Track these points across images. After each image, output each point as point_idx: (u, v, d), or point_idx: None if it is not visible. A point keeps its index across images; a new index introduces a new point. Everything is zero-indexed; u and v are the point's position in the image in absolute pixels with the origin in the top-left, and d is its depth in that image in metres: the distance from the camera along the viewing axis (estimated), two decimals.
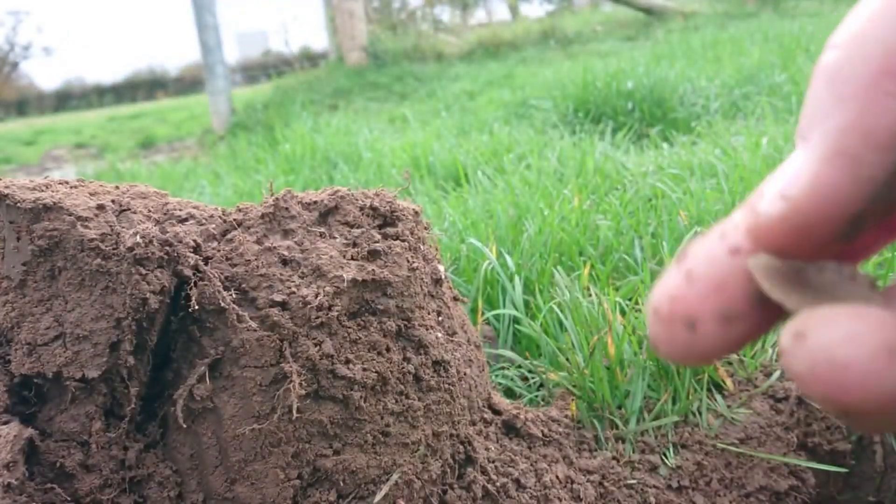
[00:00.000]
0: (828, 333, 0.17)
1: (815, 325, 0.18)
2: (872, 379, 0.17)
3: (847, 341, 0.17)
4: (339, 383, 0.56)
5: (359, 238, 0.59)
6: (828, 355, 0.17)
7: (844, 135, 0.19)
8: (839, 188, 0.19)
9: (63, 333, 0.53)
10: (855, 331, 0.17)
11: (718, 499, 0.72)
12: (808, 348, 0.18)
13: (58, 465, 0.54)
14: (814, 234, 0.19)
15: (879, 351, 0.17)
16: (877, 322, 0.18)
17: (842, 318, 0.18)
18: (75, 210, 0.54)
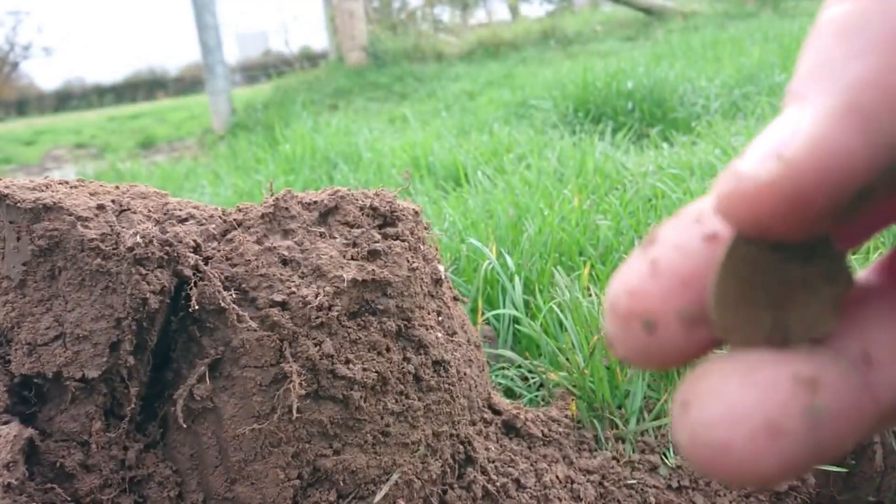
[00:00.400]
0: (709, 408, 0.16)
1: (698, 395, 0.17)
2: (750, 461, 0.16)
3: (726, 420, 0.16)
4: (339, 383, 0.56)
5: (359, 238, 0.59)
6: (706, 433, 0.16)
7: (861, 91, 0.16)
8: (850, 151, 0.15)
9: (63, 333, 0.53)
10: (736, 407, 0.16)
11: (718, 499, 0.72)
12: (689, 421, 0.16)
13: (58, 465, 0.54)
14: (812, 206, 0.16)
15: (759, 431, 0.16)
16: (762, 387, 0.16)
17: (725, 389, 0.16)
18: (75, 210, 0.54)
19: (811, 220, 0.16)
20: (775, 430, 0.16)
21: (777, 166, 0.16)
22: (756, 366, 0.17)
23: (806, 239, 0.18)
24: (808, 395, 0.16)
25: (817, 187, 0.16)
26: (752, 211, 0.16)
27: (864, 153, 0.15)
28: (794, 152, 0.16)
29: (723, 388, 0.16)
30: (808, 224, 0.16)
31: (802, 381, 0.16)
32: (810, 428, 0.16)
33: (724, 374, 0.17)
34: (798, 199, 0.16)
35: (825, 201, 0.16)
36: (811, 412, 0.16)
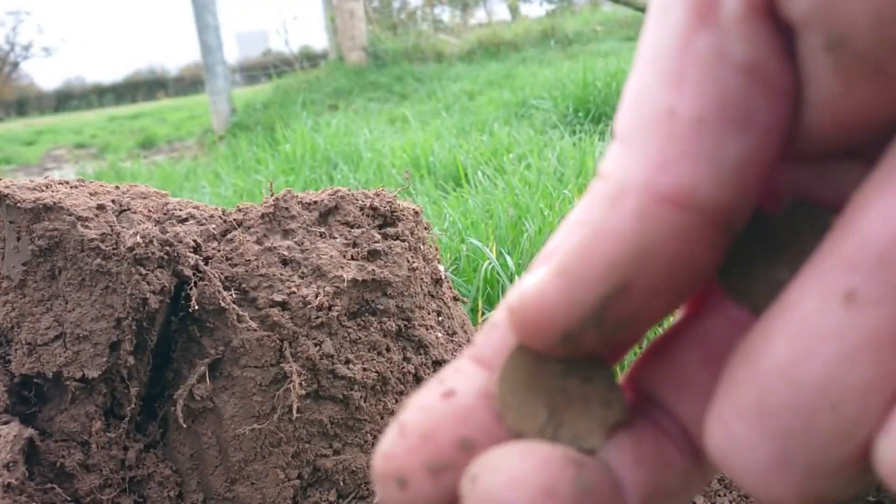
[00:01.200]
0: (493, 477, 0.18)
1: (485, 469, 0.18)
2: None
3: (510, 486, 0.17)
4: (339, 383, 0.56)
5: (359, 238, 0.59)
6: (493, 500, 0.17)
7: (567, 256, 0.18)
8: (554, 302, 0.18)
9: (63, 333, 0.53)
10: (517, 475, 0.18)
11: (718, 499, 0.72)
12: (478, 491, 0.18)
13: (58, 465, 0.54)
14: (535, 336, 0.19)
15: (537, 494, 0.17)
16: (539, 461, 0.18)
17: (508, 463, 0.18)
18: (75, 210, 0.54)
19: (542, 342, 0.19)
20: (551, 493, 0.18)
21: (517, 300, 0.19)
22: (533, 446, 0.19)
23: (580, 358, 0.20)
24: (576, 470, 0.18)
25: (534, 324, 0.19)
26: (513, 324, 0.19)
27: (561, 308, 0.18)
28: (526, 293, 0.19)
29: (506, 461, 0.18)
30: (542, 345, 0.19)
31: (571, 459, 0.19)
32: (579, 494, 0.18)
33: (507, 452, 0.18)
34: (527, 326, 0.19)
35: (543, 334, 0.19)
36: (579, 482, 0.18)
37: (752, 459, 0.18)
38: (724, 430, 0.18)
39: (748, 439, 0.17)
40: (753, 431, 0.17)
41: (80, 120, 7.99)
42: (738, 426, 0.18)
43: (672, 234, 0.18)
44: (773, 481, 0.18)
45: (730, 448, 0.18)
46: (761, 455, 0.17)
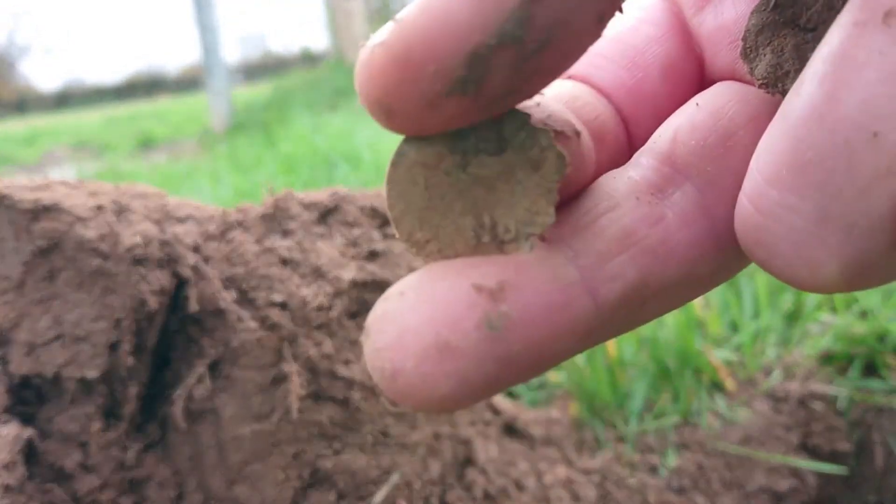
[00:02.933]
0: (383, 333, 0.15)
1: (377, 320, 0.16)
2: (420, 386, 0.15)
3: (396, 343, 0.15)
4: (339, 384, 0.56)
5: (359, 238, 0.59)
6: (380, 360, 0.15)
7: None
8: (456, 9, 0.14)
9: (62, 334, 0.53)
10: (406, 328, 0.15)
11: (719, 499, 0.72)
12: (368, 349, 0.16)
13: (57, 465, 0.54)
14: (423, 68, 0.14)
15: (428, 352, 0.15)
16: (435, 309, 0.15)
17: (399, 311, 0.15)
18: (74, 210, 0.54)
19: (429, 86, 0.14)
20: (444, 348, 0.14)
21: (391, 28, 0.14)
22: (436, 280, 0.15)
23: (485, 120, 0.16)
24: (487, 305, 0.15)
25: (425, 46, 0.14)
26: (371, 80, 0.15)
27: (472, 8, 0.14)
28: (408, 13, 0.14)
29: (398, 309, 0.15)
30: (428, 92, 0.15)
31: (483, 289, 0.15)
32: (487, 342, 0.15)
33: (402, 294, 0.15)
34: (409, 61, 0.14)
35: (438, 62, 0.14)
36: (488, 324, 0.15)
37: (788, 226, 0.15)
38: (755, 203, 0.16)
39: (783, 203, 0.15)
40: (789, 192, 0.15)
41: (79, 120, 7.99)
42: (771, 192, 0.15)
43: None
44: (812, 246, 0.15)
45: (763, 221, 0.16)
46: (798, 218, 0.15)
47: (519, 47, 0.14)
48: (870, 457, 0.80)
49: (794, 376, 0.81)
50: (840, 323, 0.82)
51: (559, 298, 0.15)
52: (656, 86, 0.21)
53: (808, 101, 0.15)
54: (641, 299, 0.17)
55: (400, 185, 0.16)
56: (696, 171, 0.18)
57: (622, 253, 0.16)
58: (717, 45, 0.21)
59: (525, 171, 0.16)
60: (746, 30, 0.18)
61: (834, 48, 0.15)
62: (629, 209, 0.17)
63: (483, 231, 0.16)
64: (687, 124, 0.19)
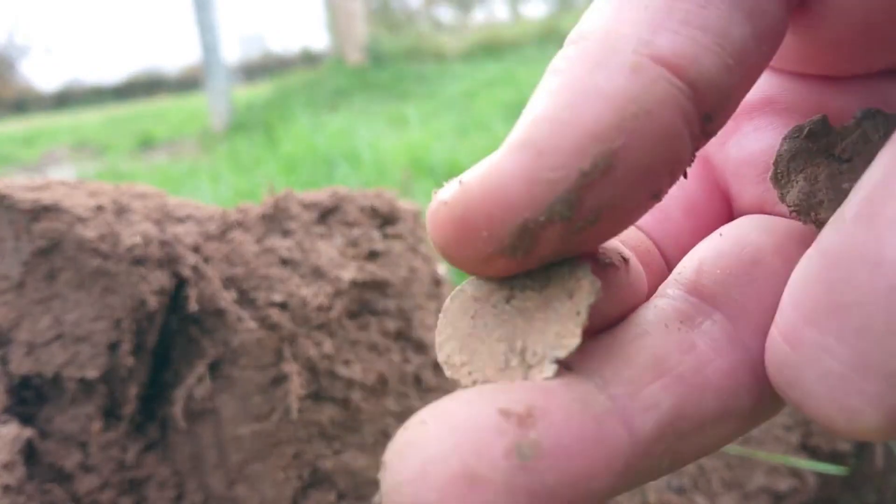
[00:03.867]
0: (404, 464, 0.14)
1: (397, 451, 0.14)
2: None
3: (419, 475, 0.13)
4: (339, 384, 0.56)
5: (359, 238, 0.59)
6: (401, 496, 0.14)
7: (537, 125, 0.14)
8: (512, 183, 0.14)
9: (62, 334, 0.53)
10: (430, 458, 0.13)
11: (719, 499, 0.72)
12: (388, 483, 0.14)
13: (57, 465, 0.54)
14: (479, 232, 0.15)
15: (455, 483, 0.13)
16: (461, 436, 0.14)
17: (422, 439, 0.14)
18: (74, 210, 0.54)
19: (482, 247, 0.15)
20: (472, 479, 0.13)
21: (455, 190, 0.15)
22: (461, 405, 0.14)
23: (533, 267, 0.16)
24: (517, 433, 0.14)
25: (480, 214, 0.15)
26: (435, 231, 0.16)
27: (524, 187, 0.14)
28: (471, 177, 0.15)
29: (419, 438, 0.14)
30: (481, 252, 0.15)
31: (511, 415, 0.14)
32: (518, 473, 0.13)
33: (425, 422, 0.14)
34: (466, 224, 0.15)
35: (491, 229, 0.15)
36: (518, 452, 0.13)
37: (823, 369, 0.14)
38: (789, 340, 0.15)
39: (820, 345, 0.14)
40: (826, 334, 0.14)
41: (79, 120, 7.99)
42: (807, 332, 0.14)
43: (668, 102, 0.14)
44: (849, 394, 0.14)
45: (797, 360, 0.15)
46: (835, 362, 0.14)
47: (567, 224, 0.15)
48: (870, 457, 0.80)
49: None
50: None
51: (591, 427, 0.14)
52: (680, 224, 0.21)
53: (850, 239, 0.14)
54: (679, 433, 0.16)
55: (452, 315, 0.17)
56: (723, 301, 0.17)
57: (655, 381, 0.16)
58: (742, 179, 0.21)
59: (561, 300, 0.16)
60: (778, 154, 0.18)
61: (878, 185, 0.14)
62: (659, 336, 0.17)
63: (513, 355, 0.16)
64: (711, 254, 0.18)
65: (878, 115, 0.17)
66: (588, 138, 0.14)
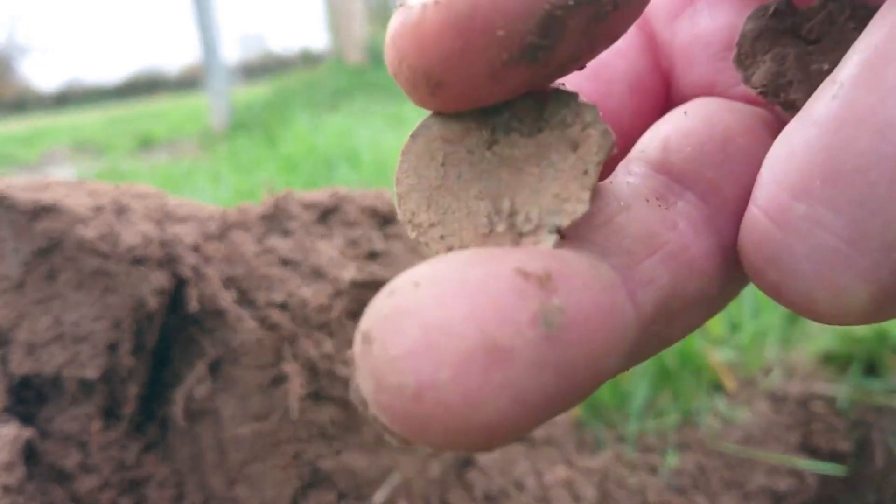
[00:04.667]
0: (398, 336, 0.11)
1: (385, 320, 0.12)
2: (463, 406, 0.11)
3: (422, 348, 0.11)
4: (339, 384, 0.56)
5: (359, 238, 0.59)
6: (395, 374, 0.11)
7: None
8: None
9: (62, 334, 0.53)
10: (436, 326, 0.11)
11: (719, 499, 0.72)
12: (372, 362, 0.12)
13: (57, 465, 0.54)
14: (487, 39, 0.12)
15: (473, 356, 0.11)
16: (476, 299, 0.11)
17: (420, 305, 0.11)
18: (74, 210, 0.54)
19: (494, 54, 0.12)
20: (494, 351, 0.11)
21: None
22: (465, 267, 0.12)
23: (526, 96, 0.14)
24: (541, 296, 0.11)
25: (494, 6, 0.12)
26: (422, 47, 0.12)
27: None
28: None
29: (416, 303, 0.11)
30: (492, 62, 0.12)
31: (531, 276, 0.11)
32: (545, 343, 0.11)
33: (419, 286, 0.12)
34: (475, 22, 0.12)
35: (509, 25, 0.12)
36: (545, 320, 0.11)
37: (813, 243, 0.13)
38: (773, 217, 0.14)
39: (811, 217, 0.13)
40: (821, 206, 0.13)
41: (79, 120, 7.98)
42: (797, 205, 0.13)
43: None
44: (839, 268, 0.13)
45: (781, 237, 0.14)
46: (828, 234, 0.13)
47: (595, 7, 0.13)
48: (870, 457, 0.80)
49: (794, 376, 0.81)
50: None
51: (608, 298, 0.13)
52: (624, 99, 0.19)
53: (850, 104, 0.13)
54: (669, 315, 0.15)
55: (414, 159, 0.14)
56: (695, 180, 0.16)
57: (651, 255, 0.15)
58: (691, 58, 0.20)
59: (561, 151, 0.13)
60: (742, 34, 0.18)
61: (880, 49, 0.13)
62: (643, 210, 0.15)
63: (499, 218, 0.13)
64: (678, 131, 0.17)
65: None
66: None
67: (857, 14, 0.16)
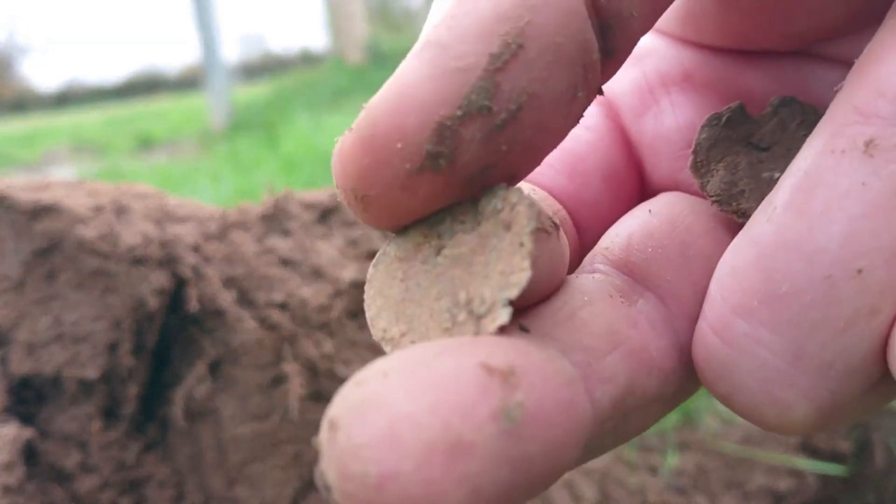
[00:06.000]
0: (362, 429, 0.11)
1: (351, 410, 0.12)
2: (424, 496, 0.11)
3: (386, 440, 0.11)
4: (339, 384, 0.56)
5: (359, 238, 0.59)
6: (359, 463, 0.11)
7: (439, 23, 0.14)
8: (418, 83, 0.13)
9: (62, 334, 0.53)
10: (400, 419, 0.11)
11: (719, 499, 0.72)
12: (338, 447, 0.11)
13: (57, 465, 0.54)
14: (389, 154, 0.13)
15: (434, 449, 0.11)
16: (440, 393, 0.11)
17: (386, 397, 0.11)
18: (74, 210, 0.54)
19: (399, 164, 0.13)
20: (458, 443, 0.11)
21: (361, 114, 0.14)
22: (432, 358, 0.12)
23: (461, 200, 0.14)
24: (503, 393, 0.12)
25: (391, 125, 0.13)
26: (344, 169, 0.14)
27: (432, 84, 0.13)
28: (376, 96, 0.13)
29: (384, 394, 0.12)
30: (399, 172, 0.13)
31: (495, 371, 0.12)
32: (503, 439, 0.11)
33: (387, 377, 0.12)
34: (377, 141, 0.13)
35: (405, 138, 0.13)
36: (506, 415, 0.11)
37: (756, 361, 0.14)
38: (719, 333, 0.14)
39: (752, 336, 0.14)
40: (758, 325, 0.14)
41: (79, 120, 7.99)
42: (739, 323, 0.14)
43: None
44: (782, 387, 0.14)
45: (727, 353, 0.14)
46: (768, 353, 0.14)
47: (487, 117, 0.13)
48: (870, 457, 0.80)
49: None
50: None
51: (567, 394, 0.13)
52: (598, 192, 0.20)
53: (783, 229, 0.14)
54: (627, 410, 0.15)
55: (378, 284, 0.15)
56: (655, 281, 0.17)
57: (612, 352, 0.15)
58: (657, 154, 0.20)
59: (499, 235, 0.14)
60: (697, 143, 0.18)
61: (809, 175, 0.14)
62: (606, 307, 0.16)
63: (458, 310, 0.14)
64: (642, 230, 0.18)
65: (793, 103, 0.17)
66: (492, 20, 0.13)
67: (808, 120, 0.17)
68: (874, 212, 0.13)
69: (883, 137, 0.13)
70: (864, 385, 0.14)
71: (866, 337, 0.13)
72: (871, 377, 0.14)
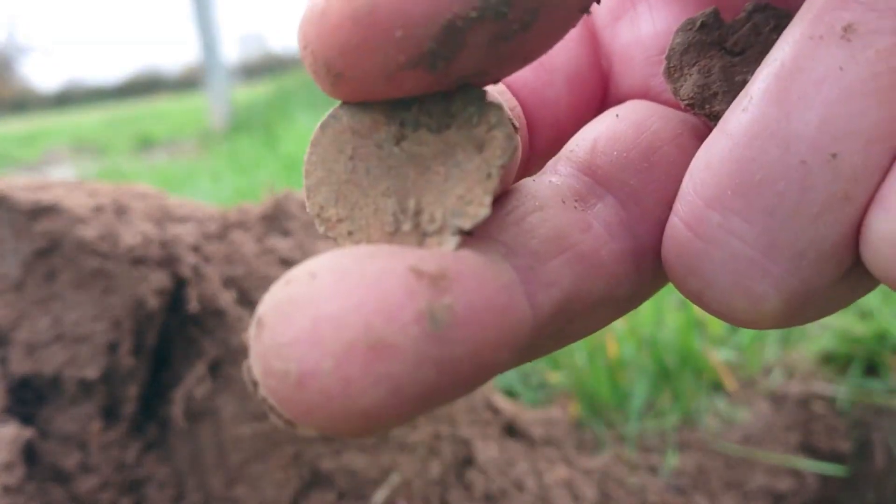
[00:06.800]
0: (288, 323, 0.11)
1: (278, 307, 0.12)
2: (342, 394, 0.11)
3: (309, 337, 0.11)
4: None
5: None
6: (281, 360, 0.11)
7: None
8: None
9: (62, 334, 0.53)
10: (324, 317, 0.11)
11: (719, 499, 0.72)
12: (262, 346, 0.12)
13: (57, 465, 0.54)
14: (385, 39, 0.12)
15: (355, 348, 0.11)
16: (365, 294, 0.11)
17: (313, 296, 0.12)
18: (74, 210, 0.54)
19: (391, 55, 0.12)
20: (377, 344, 0.11)
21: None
22: (362, 261, 0.12)
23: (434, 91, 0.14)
24: (430, 294, 0.12)
25: (396, 7, 0.12)
26: (322, 37, 0.13)
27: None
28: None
29: (310, 293, 0.12)
30: (389, 63, 0.12)
31: (424, 275, 0.12)
32: (428, 340, 0.12)
33: (314, 276, 0.12)
34: (375, 21, 0.12)
35: (408, 28, 0.12)
36: (431, 318, 0.12)
37: (728, 252, 0.14)
38: (692, 226, 0.14)
39: (725, 227, 0.14)
40: (734, 215, 0.14)
41: (78, 120, 7.99)
42: (712, 214, 0.14)
43: None
44: (754, 276, 0.14)
45: (700, 246, 0.14)
46: (741, 243, 0.14)
47: (500, 24, 0.13)
48: (870, 457, 0.80)
49: (794, 376, 0.81)
50: (840, 323, 0.82)
51: (502, 298, 0.13)
52: (560, 92, 0.20)
53: (759, 117, 0.14)
54: (570, 315, 0.15)
55: (324, 152, 0.14)
56: (617, 184, 0.17)
57: (558, 256, 0.15)
58: (629, 60, 0.20)
59: (466, 152, 0.14)
60: (670, 48, 0.18)
61: (786, 63, 0.13)
62: (557, 211, 0.16)
63: (405, 217, 0.14)
64: (608, 134, 0.18)
65: (767, 9, 0.17)
66: None
67: (782, 24, 0.17)
68: (850, 96, 0.13)
69: (861, 22, 0.13)
70: (835, 274, 0.14)
71: (839, 224, 0.13)
72: (842, 266, 0.14)
